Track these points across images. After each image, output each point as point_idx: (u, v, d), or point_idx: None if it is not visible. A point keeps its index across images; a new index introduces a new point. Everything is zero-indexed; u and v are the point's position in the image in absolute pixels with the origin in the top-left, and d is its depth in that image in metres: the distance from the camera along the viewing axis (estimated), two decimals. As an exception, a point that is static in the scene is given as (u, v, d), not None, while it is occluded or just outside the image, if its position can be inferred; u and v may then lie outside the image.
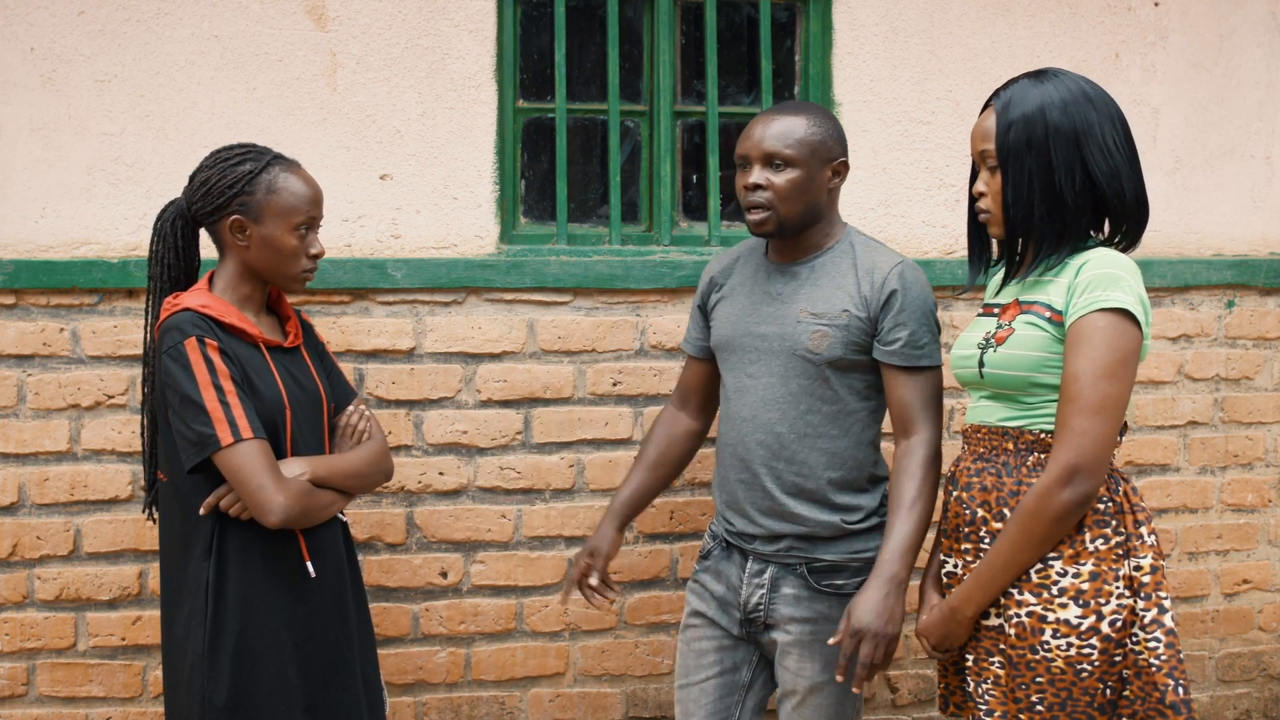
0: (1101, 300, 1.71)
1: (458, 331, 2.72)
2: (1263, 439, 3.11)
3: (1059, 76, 1.81)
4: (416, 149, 2.70)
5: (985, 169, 1.85)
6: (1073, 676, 1.72)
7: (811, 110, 2.15)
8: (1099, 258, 1.77)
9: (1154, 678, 1.70)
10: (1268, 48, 3.06)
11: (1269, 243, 3.10)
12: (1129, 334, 1.71)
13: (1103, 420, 1.70)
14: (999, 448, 1.86)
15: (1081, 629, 1.72)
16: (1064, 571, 1.75)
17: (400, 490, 2.72)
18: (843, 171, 2.17)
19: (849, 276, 2.14)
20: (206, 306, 1.93)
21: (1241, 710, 3.15)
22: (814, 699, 2.16)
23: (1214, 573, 3.10)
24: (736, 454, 2.20)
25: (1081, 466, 1.70)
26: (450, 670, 2.76)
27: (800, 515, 2.14)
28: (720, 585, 2.26)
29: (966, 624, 1.85)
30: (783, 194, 2.10)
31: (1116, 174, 1.78)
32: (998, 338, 1.84)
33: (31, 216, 2.58)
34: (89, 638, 2.64)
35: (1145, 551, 1.76)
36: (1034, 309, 1.81)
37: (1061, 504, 1.71)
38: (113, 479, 2.62)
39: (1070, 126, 1.77)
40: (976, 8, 2.91)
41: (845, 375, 2.13)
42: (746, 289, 2.25)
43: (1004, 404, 1.85)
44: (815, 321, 2.12)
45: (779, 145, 2.09)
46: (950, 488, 1.95)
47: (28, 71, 2.57)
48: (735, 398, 2.22)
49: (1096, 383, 1.69)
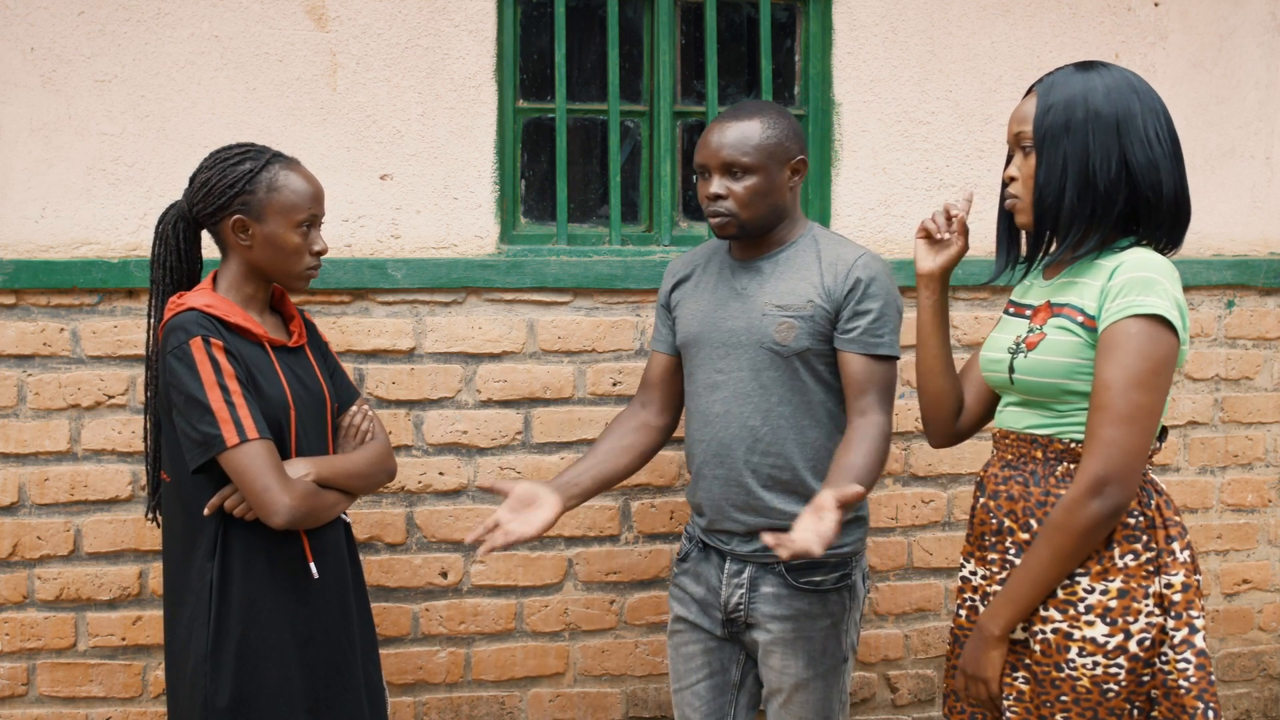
0: (1136, 305, 1.64)
1: (458, 331, 2.72)
2: (1262, 439, 3.11)
3: (1106, 66, 1.76)
4: (416, 149, 2.70)
5: (1019, 152, 1.79)
6: (1099, 696, 1.67)
7: (765, 111, 2.14)
8: (1134, 259, 1.69)
9: (1183, 700, 1.64)
10: (1268, 48, 3.06)
11: (1269, 243, 3.10)
12: (1164, 341, 1.64)
13: (1134, 430, 1.63)
14: (1027, 455, 1.80)
15: (1108, 648, 1.67)
16: (1091, 588, 1.69)
17: (400, 490, 2.72)
18: (802, 169, 2.16)
19: (813, 269, 2.14)
20: (211, 306, 1.93)
21: (1241, 710, 3.15)
22: (800, 696, 2.17)
23: (1214, 573, 3.10)
24: (711, 450, 2.20)
25: (1111, 478, 1.63)
26: (450, 670, 2.76)
27: (777, 509, 2.14)
28: (700, 587, 2.26)
29: (995, 643, 1.76)
30: (743, 201, 2.10)
31: (1155, 166, 1.71)
32: (1028, 342, 1.77)
33: (32, 216, 2.58)
34: (89, 638, 2.64)
35: (1177, 569, 1.69)
36: (1065, 312, 1.74)
37: (1090, 516, 1.65)
38: (113, 479, 2.62)
39: (1111, 113, 1.70)
40: (976, 8, 2.91)
41: (813, 366, 2.13)
42: (711, 286, 2.24)
43: (1034, 410, 1.79)
44: (781, 314, 2.12)
45: (736, 154, 2.09)
46: (978, 493, 1.89)
47: (28, 72, 2.57)
48: (706, 394, 2.21)
49: (1128, 392, 1.63)
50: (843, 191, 2.87)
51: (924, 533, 2.93)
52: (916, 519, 2.94)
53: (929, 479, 2.93)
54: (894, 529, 2.93)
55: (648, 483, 2.81)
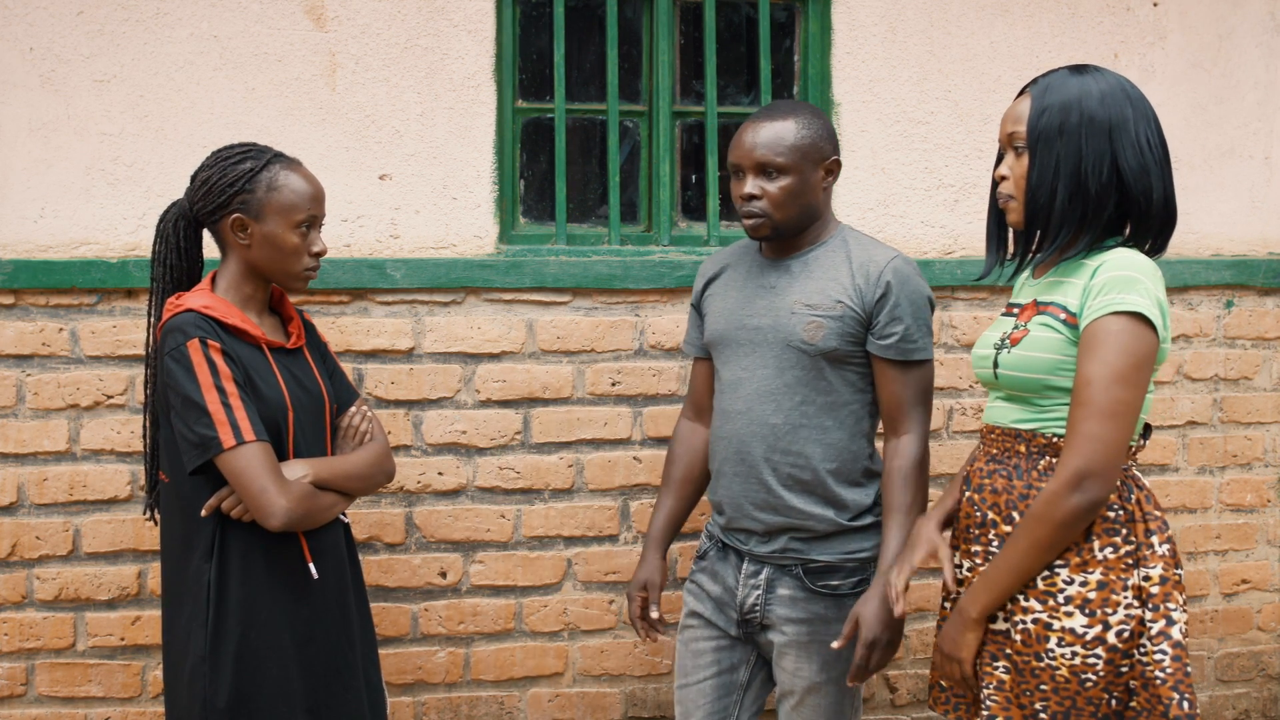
0: (1117, 303, 1.68)
1: (457, 331, 2.72)
2: (1261, 439, 3.11)
3: (1100, 71, 1.80)
4: (416, 149, 2.70)
5: (1012, 152, 1.83)
6: (1077, 686, 1.70)
7: (800, 111, 2.14)
8: (1117, 259, 1.74)
9: (1159, 691, 1.67)
10: (1266, 48, 3.06)
11: (1268, 243, 3.10)
12: (1144, 338, 1.68)
13: (1114, 426, 1.67)
14: (1011, 449, 1.84)
15: (1087, 638, 1.70)
16: (1071, 580, 1.72)
17: (399, 490, 2.72)
18: (835, 170, 2.17)
19: (843, 269, 2.14)
20: (209, 307, 1.93)
21: (1240, 710, 3.15)
22: (812, 699, 2.17)
23: (1213, 573, 3.10)
24: (732, 447, 2.20)
25: (1091, 472, 1.67)
26: (449, 670, 2.76)
27: (797, 509, 2.14)
28: (717, 586, 2.26)
29: (973, 625, 1.81)
30: (777, 201, 2.11)
31: (1146, 172, 1.76)
32: (1013, 338, 1.82)
33: (30, 216, 2.58)
34: (88, 638, 2.64)
35: (1156, 561, 1.73)
36: (1050, 310, 1.79)
37: (1069, 509, 1.68)
38: (112, 479, 2.62)
39: (1105, 117, 1.75)
40: (975, 8, 2.91)
41: (839, 367, 2.14)
42: (739, 284, 2.25)
43: (1018, 405, 1.83)
44: (809, 313, 2.12)
45: (771, 154, 2.09)
46: (964, 487, 1.93)
47: (27, 71, 2.57)
48: (730, 391, 2.22)
49: (1109, 387, 1.67)
50: (842, 191, 2.87)
51: (923, 533, 2.93)
52: (915, 519, 2.94)
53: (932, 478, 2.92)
54: (893, 529, 2.92)
55: (647, 482, 2.81)
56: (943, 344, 2.91)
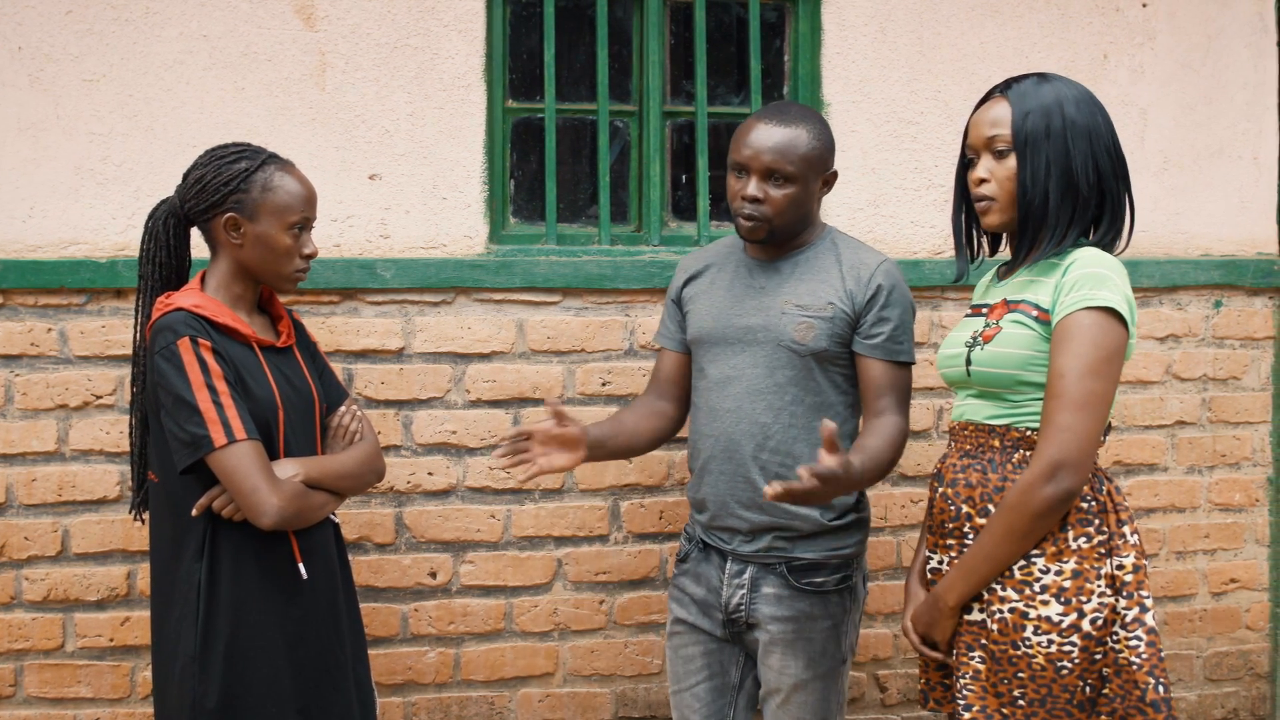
0: (1088, 299, 1.73)
1: (447, 331, 2.72)
2: (1250, 439, 3.12)
3: (1062, 79, 1.87)
4: (406, 149, 2.70)
5: (990, 156, 1.86)
6: (1053, 673, 1.74)
7: (810, 120, 2.14)
8: (1086, 257, 1.78)
9: (1134, 676, 1.72)
10: (1255, 48, 3.08)
11: (1256, 243, 3.11)
12: (1115, 332, 1.73)
13: (1087, 417, 1.71)
14: (985, 445, 1.87)
15: (1063, 626, 1.74)
16: (1046, 569, 1.76)
17: (389, 490, 2.72)
18: (832, 181, 2.20)
19: (833, 271, 2.16)
20: (199, 306, 1.92)
21: (1229, 709, 3.16)
22: (798, 696, 2.17)
23: (1201, 572, 3.11)
24: (720, 444, 2.20)
25: (1065, 462, 1.71)
26: (439, 670, 2.76)
27: (783, 508, 2.14)
28: (700, 588, 2.26)
29: (949, 613, 1.86)
30: (779, 208, 2.11)
31: (1116, 175, 1.84)
32: (985, 336, 1.86)
33: (19, 216, 2.57)
34: (77, 638, 2.63)
35: (1128, 551, 1.77)
36: (1021, 308, 1.83)
37: (1044, 499, 1.72)
38: (101, 479, 2.61)
39: (1085, 123, 1.81)
40: (965, 8, 2.92)
41: (826, 368, 2.15)
42: (727, 283, 2.25)
43: (991, 402, 1.87)
44: (801, 313, 2.13)
45: (782, 160, 2.09)
46: (935, 484, 1.96)
47: (15, 71, 2.56)
48: (718, 389, 2.22)
49: (1081, 379, 1.71)
50: (832, 191, 2.86)
51: (913, 532, 2.94)
52: (905, 519, 2.94)
53: (918, 479, 2.94)
54: (883, 529, 2.93)
55: (637, 482, 2.81)
56: (933, 344, 2.91)
